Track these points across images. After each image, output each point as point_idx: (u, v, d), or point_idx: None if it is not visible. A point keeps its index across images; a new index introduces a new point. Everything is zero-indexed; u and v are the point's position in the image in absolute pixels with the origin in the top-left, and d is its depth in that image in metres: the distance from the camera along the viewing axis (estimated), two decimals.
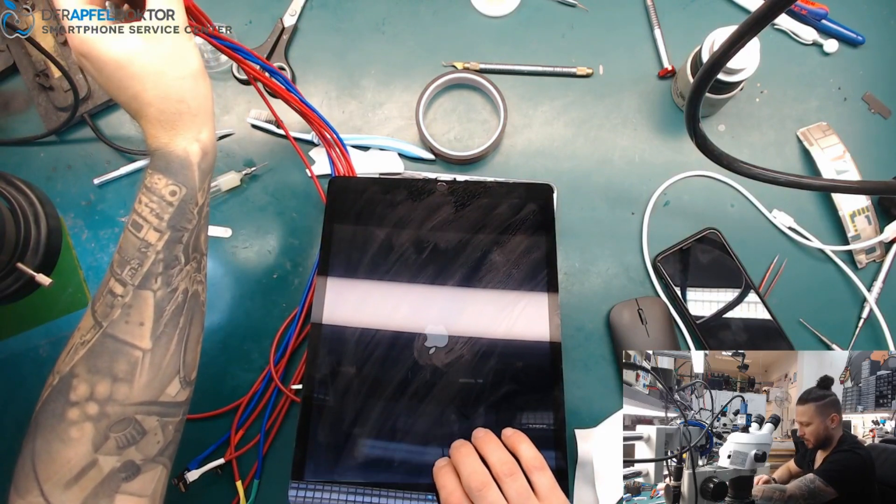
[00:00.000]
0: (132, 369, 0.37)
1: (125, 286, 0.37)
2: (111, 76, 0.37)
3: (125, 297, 0.37)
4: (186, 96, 0.39)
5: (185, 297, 0.39)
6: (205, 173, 0.40)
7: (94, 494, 0.36)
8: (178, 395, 0.39)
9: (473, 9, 0.64)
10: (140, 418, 0.37)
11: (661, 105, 0.62)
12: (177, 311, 0.38)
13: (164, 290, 0.38)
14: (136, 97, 0.38)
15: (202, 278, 0.41)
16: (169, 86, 0.38)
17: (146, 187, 0.38)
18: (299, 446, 0.47)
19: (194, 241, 0.39)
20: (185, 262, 0.39)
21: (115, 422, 0.36)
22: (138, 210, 0.38)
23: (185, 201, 0.39)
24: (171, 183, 0.38)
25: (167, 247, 0.38)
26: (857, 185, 0.45)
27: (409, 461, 0.47)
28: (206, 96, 0.40)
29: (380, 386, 0.49)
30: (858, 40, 0.61)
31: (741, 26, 0.35)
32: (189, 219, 0.39)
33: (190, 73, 0.39)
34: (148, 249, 0.38)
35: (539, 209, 0.54)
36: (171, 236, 0.38)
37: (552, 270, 0.52)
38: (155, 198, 0.38)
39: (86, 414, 0.36)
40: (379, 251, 0.53)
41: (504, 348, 0.50)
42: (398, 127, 0.62)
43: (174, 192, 0.38)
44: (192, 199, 0.39)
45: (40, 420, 0.37)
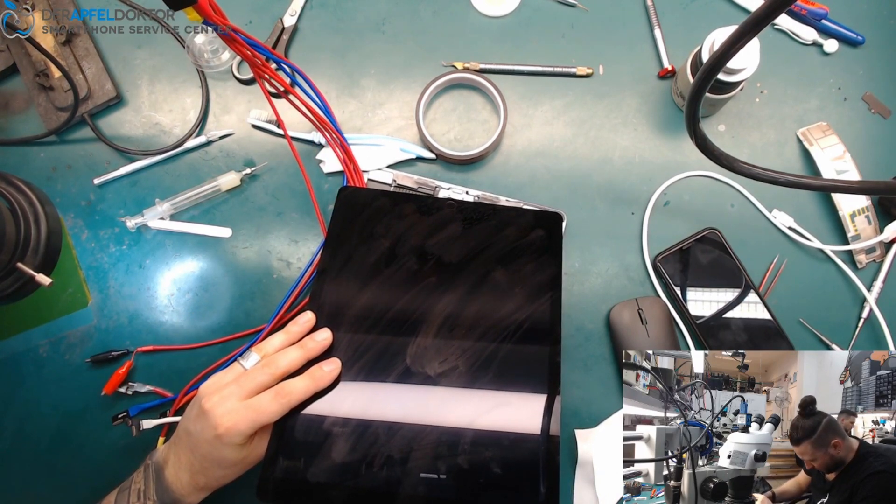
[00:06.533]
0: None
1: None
2: (218, 450, 0.43)
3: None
4: (224, 483, 0.46)
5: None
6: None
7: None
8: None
9: (473, 9, 0.64)
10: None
11: (661, 105, 0.62)
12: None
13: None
14: (209, 471, 0.44)
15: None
16: (226, 478, 0.45)
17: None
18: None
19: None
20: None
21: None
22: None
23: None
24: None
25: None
26: (857, 185, 0.45)
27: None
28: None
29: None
30: (858, 40, 0.61)
31: (741, 26, 0.35)
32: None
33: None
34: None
35: (547, 236, 0.52)
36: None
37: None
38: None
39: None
40: (377, 265, 0.51)
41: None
42: (398, 127, 0.62)
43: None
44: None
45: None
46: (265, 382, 0.44)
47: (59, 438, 0.56)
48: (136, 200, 0.60)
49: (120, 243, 0.60)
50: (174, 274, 0.59)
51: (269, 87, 0.53)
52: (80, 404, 0.56)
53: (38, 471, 0.55)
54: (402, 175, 0.60)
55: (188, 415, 0.45)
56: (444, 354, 0.48)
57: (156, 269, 0.59)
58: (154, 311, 0.58)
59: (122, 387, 0.55)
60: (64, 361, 0.57)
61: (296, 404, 0.44)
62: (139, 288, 0.59)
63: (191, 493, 0.45)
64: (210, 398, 0.43)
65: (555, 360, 0.48)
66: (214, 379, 0.45)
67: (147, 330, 0.58)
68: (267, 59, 0.53)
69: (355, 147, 0.60)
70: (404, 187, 0.59)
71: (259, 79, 0.51)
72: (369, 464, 0.44)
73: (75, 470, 0.55)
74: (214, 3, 0.42)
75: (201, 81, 0.63)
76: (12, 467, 0.56)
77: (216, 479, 0.45)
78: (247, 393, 0.43)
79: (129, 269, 0.59)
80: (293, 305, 0.57)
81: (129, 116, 0.63)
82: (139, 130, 0.62)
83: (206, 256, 0.59)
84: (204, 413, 0.42)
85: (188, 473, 0.44)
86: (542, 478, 0.43)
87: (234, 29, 0.45)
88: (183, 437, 0.45)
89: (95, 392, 0.55)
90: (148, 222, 0.59)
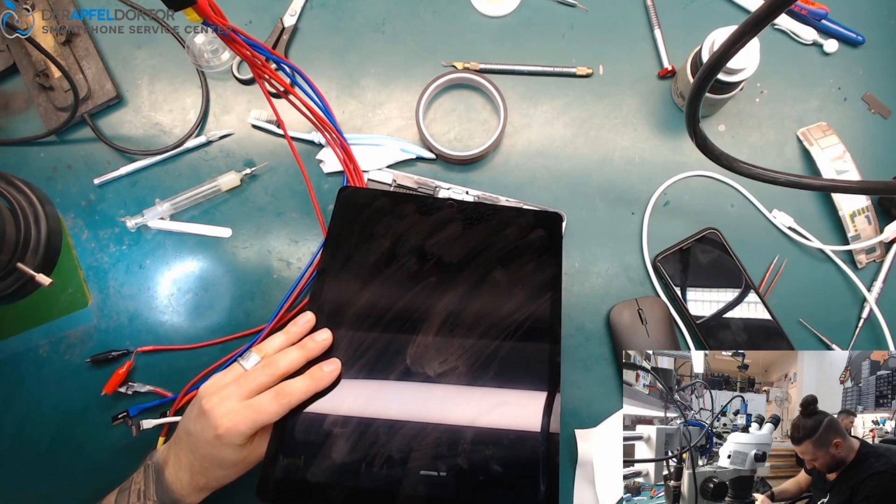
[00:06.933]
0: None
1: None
2: (218, 450, 0.43)
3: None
4: (224, 483, 0.46)
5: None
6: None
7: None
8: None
9: (473, 9, 0.64)
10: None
11: (661, 105, 0.62)
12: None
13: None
14: (209, 471, 0.44)
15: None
16: (226, 479, 0.45)
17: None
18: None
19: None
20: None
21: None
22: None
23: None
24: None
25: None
26: (857, 185, 0.45)
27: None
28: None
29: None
30: (858, 40, 0.61)
31: (741, 26, 0.35)
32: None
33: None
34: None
35: (547, 236, 0.52)
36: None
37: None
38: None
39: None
40: (377, 265, 0.51)
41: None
42: (398, 127, 0.62)
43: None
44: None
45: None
46: (265, 383, 0.44)
47: (59, 438, 0.56)
48: (136, 200, 0.60)
49: (120, 243, 0.60)
50: (174, 274, 0.59)
51: (269, 87, 0.53)
52: (80, 404, 0.56)
53: (38, 471, 0.55)
54: (402, 175, 0.60)
55: (188, 415, 0.45)
56: (444, 354, 0.48)
57: (156, 269, 0.59)
58: (154, 311, 0.58)
59: (122, 387, 0.55)
60: (64, 361, 0.57)
61: (296, 404, 0.44)
62: (139, 288, 0.59)
63: (191, 494, 0.45)
64: (210, 398, 0.43)
65: (555, 360, 0.48)
66: (214, 379, 0.45)
67: (147, 330, 0.58)
68: (267, 60, 0.53)
69: (355, 147, 0.60)
70: (404, 187, 0.59)
71: (259, 79, 0.51)
72: (369, 463, 0.44)
73: (75, 470, 0.55)
74: (214, 3, 0.42)
75: (201, 81, 0.63)
76: (12, 467, 0.56)
77: (216, 480, 0.45)
78: (247, 393, 0.43)
79: (129, 269, 0.59)
80: (293, 305, 0.57)
81: (129, 116, 0.63)
82: (139, 130, 0.62)
83: (206, 256, 0.59)
84: (204, 413, 0.42)
85: (188, 474, 0.44)
86: (542, 476, 0.43)
87: (234, 29, 0.45)
88: (183, 437, 0.45)
89: (95, 392, 0.55)
90: (148, 222, 0.59)
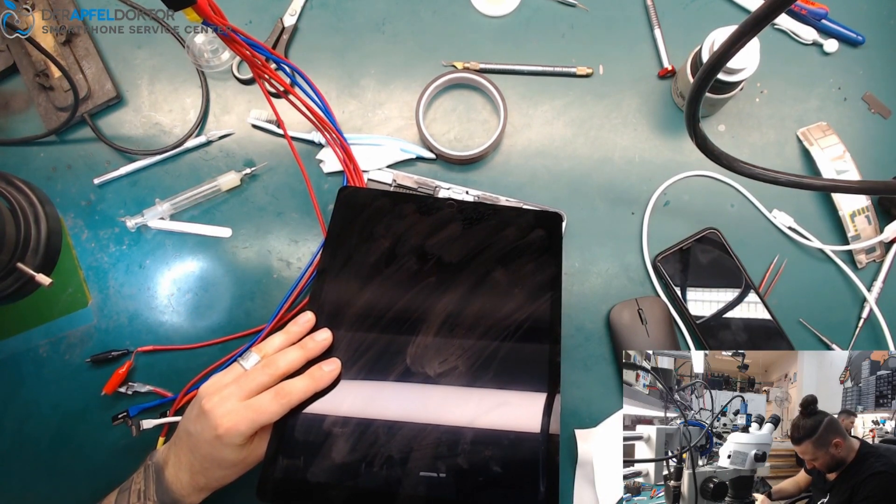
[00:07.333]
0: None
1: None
2: (218, 450, 0.43)
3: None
4: (224, 483, 0.46)
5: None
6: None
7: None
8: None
9: (473, 9, 0.64)
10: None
11: (661, 105, 0.62)
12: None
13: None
14: (209, 471, 0.44)
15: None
16: (226, 479, 0.45)
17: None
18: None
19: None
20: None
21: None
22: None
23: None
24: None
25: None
26: (857, 185, 0.45)
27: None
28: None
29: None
30: (858, 40, 0.61)
31: (741, 26, 0.35)
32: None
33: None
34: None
35: (547, 236, 0.52)
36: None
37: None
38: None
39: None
40: (377, 265, 0.51)
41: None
42: (398, 127, 0.62)
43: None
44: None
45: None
46: (265, 383, 0.44)
47: (59, 438, 0.56)
48: (136, 200, 0.60)
49: (120, 243, 0.60)
50: (174, 274, 0.59)
51: (269, 87, 0.53)
52: (80, 404, 0.56)
53: (38, 471, 0.55)
54: (402, 175, 0.60)
55: (188, 415, 0.45)
56: (444, 354, 0.48)
57: (156, 269, 0.59)
58: (154, 311, 0.58)
59: (122, 387, 0.55)
60: (64, 361, 0.57)
61: (296, 404, 0.44)
62: (139, 288, 0.59)
63: (191, 494, 0.45)
64: (210, 398, 0.43)
65: (555, 360, 0.48)
66: (214, 379, 0.45)
67: (147, 330, 0.58)
68: (267, 59, 0.53)
69: (355, 147, 0.60)
70: (404, 187, 0.59)
71: (259, 79, 0.51)
72: (369, 463, 0.44)
73: (75, 470, 0.55)
74: (214, 3, 0.42)
75: (201, 81, 0.63)
76: (12, 467, 0.56)
77: (216, 480, 0.45)
78: (247, 393, 0.43)
79: (129, 269, 0.59)
80: (293, 305, 0.57)
81: (129, 116, 0.63)
82: (139, 130, 0.62)
83: (206, 256, 0.59)
84: (204, 413, 0.42)
85: (188, 474, 0.44)
86: (542, 477, 0.43)
87: (234, 29, 0.45)
88: (183, 437, 0.45)
89: (95, 392, 0.55)
90: (148, 222, 0.59)
